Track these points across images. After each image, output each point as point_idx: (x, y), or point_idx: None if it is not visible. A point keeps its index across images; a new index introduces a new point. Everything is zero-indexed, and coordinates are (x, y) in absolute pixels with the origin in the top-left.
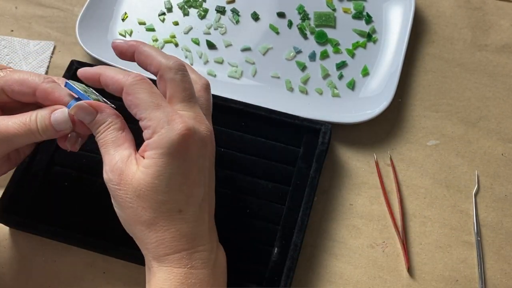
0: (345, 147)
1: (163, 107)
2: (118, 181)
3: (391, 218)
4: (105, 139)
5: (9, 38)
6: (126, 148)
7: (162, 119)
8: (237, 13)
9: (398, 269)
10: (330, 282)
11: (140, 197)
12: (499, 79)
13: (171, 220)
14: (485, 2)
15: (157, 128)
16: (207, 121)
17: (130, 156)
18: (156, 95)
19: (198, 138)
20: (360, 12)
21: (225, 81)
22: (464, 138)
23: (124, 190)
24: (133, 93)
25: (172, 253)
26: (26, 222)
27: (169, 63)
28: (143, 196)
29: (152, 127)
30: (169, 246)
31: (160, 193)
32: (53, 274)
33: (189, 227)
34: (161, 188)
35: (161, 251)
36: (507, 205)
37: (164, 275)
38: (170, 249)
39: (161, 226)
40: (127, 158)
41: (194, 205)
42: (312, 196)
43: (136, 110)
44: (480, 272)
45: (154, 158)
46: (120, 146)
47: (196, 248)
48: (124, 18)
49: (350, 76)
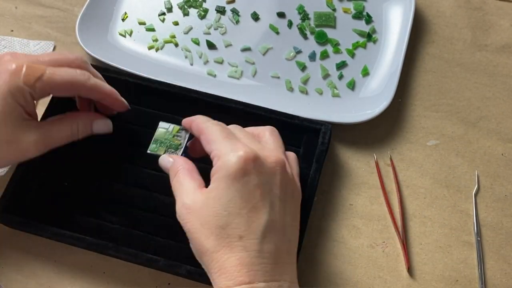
0: (345, 147)
1: (231, 139)
2: (186, 215)
3: (391, 218)
4: (176, 183)
5: (9, 38)
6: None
7: (228, 147)
8: (237, 13)
9: (398, 269)
10: (330, 282)
11: (203, 225)
12: (499, 79)
13: (232, 248)
14: (485, 2)
15: (222, 155)
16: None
17: (196, 190)
18: (226, 130)
19: (262, 164)
20: (360, 12)
21: (225, 81)
22: (464, 138)
23: (190, 222)
24: (207, 132)
25: (232, 285)
26: (26, 222)
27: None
28: (206, 223)
29: (218, 155)
30: (229, 277)
31: (220, 217)
32: (53, 274)
33: (249, 256)
34: (221, 212)
35: (222, 281)
36: (507, 205)
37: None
38: (230, 280)
39: (222, 254)
40: (193, 193)
41: (256, 232)
42: (312, 196)
43: (208, 145)
44: (480, 273)
45: (215, 182)
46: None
47: (257, 284)
48: (124, 18)
49: (350, 76)
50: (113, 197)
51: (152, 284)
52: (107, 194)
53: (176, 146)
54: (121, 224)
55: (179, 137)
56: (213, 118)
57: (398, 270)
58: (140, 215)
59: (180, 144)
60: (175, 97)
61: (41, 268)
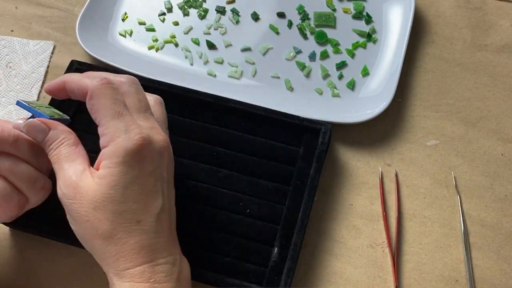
0: (345, 147)
1: (123, 116)
2: (73, 195)
3: (387, 237)
4: (58, 155)
5: (9, 38)
6: (80, 163)
7: (120, 128)
8: (237, 13)
9: None
10: (330, 282)
11: (96, 209)
12: (499, 79)
13: (130, 232)
14: (485, 2)
15: (114, 137)
16: (164, 132)
17: (85, 170)
18: (119, 102)
19: (154, 148)
20: (360, 12)
21: (225, 81)
22: (464, 138)
23: (79, 203)
24: (96, 97)
25: (132, 266)
26: (26, 222)
27: (122, 78)
28: (99, 207)
29: (109, 135)
30: (129, 259)
31: (116, 203)
32: (53, 274)
33: (148, 238)
34: (117, 198)
35: (121, 265)
36: (507, 205)
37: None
38: (130, 262)
39: (119, 238)
40: (81, 172)
41: (152, 215)
42: (312, 196)
43: (96, 116)
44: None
45: (109, 168)
46: (74, 161)
47: (157, 261)
48: (124, 18)
49: (350, 76)
50: None
51: None
52: None
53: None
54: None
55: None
56: (213, 118)
57: None
58: None
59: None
60: (175, 97)
61: (41, 268)
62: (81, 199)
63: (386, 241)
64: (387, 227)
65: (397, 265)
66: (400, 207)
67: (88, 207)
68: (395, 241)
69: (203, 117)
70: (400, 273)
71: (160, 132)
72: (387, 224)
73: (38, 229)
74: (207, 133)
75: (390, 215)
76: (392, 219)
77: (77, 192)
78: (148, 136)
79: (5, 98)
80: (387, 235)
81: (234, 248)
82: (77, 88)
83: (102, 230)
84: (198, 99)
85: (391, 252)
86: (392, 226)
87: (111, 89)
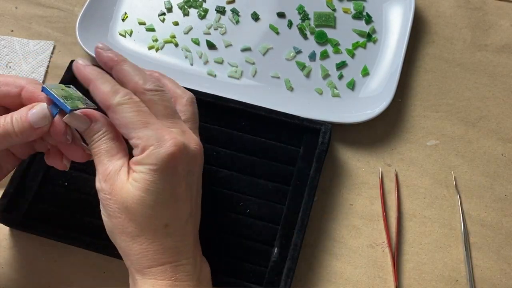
0: (345, 147)
1: (151, 124)
2: (110, 190)
3: (387, 238)
4: (99, 148)
5: (9, 38)
6: (119, 159)
7: (151, 136)
8: (237, 13)
9: None
10: (330, 282)
11: (128, 209)
12: (499, 79)
13: (156, 234)
14: (485, 2)
15: (147, 146)
16: (195, 135)
17: (123, 167)
18: (143, 113)
19: (187, 154)
20: (360, 12)
21: (225, 81)
22: (464, 138)
23: (114, 200)
24: (119, 113)
25: (155, 265)
26: (26, 222)
27: (145, 85)
28: (131, 208)
29: (142, 145)
30: (152, 259)
31: (147, 208)
32: (53, 274)
33: (173, 241)
34: (148, 203)
35: (144, 263)
36: (507, 205)
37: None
38: (153, 261)
39: (145, 238)
40: (120, 169)
41: (180, 220)
42: (312, 196)
43: (124, 130)
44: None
45: (143, 173)
46: (114, 156)
47: (180, 262)
48: (124, 18)
49: (350, 76)
50: None
51: None
52: None
53: (83, 99)
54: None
55: (76, 97)
56: (213, 118)
57: None
58: None
59: (82, 97)
60: None
61: (41, 268)
62: (115, 196)
63: (386, 241)
64: (387, 227)
65: (397, 265)
66: (400, 207)
67: (121, 205)
68: (395, 241)
69: (203, 117)
70: (400, 273)
71: (192, 136)
72: (387, 224)
73: (38, 229)
74: (207, 133)
75: (390, 215)
76: (392, 219)
77: (113, 189)
78: (181, 143)
79: None
80: (387, 235)
81: (234, 248)
82: (100, 99)
83: (130, 229)
84: (198, 99)
85: (391, 252)
86: (392, 226)
87: (132, 102)
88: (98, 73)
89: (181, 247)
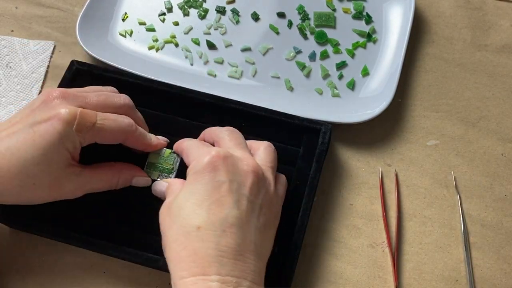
0: (345, 147)
1: (207, 146)
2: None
3: (387, 236)
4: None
5: (9, 38)
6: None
7: (202, 151)
8: (237, 13)
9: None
10: (330, 282)
11: (169, 214)
12: (499, 79)
13: (188, 237)
14: (485, 2)
15: (195, 158)
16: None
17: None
18: (203, 143)
19: (232, 163)
20: (360, 12)
21: (225, 81)
22: (464, 138)
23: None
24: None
25: (186, 276)
26: (26, 222)
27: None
28: (170, 213)
29: (192, 160)
30: (184, 267)
31: (181, 208)
32: (53, 274)
33: (205, 247)
34: (182, 202)
35: (178, 272)
36: (507, 205)
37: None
38: (184, 270)
39: (179, 243)
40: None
41: (215, 225)
42: (312, 196)
43: (188, 159)
44: (468, 269)
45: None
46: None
47: (212, 277)
48: (124, 18)
49: (350, 76)
50: (113, 197)
51: (152, 284)
52: (107, 194)
53: (169, 170)
54: (121, 224)
55: (170, 160)
56: (213, 118)
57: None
58: (140, 215)
59: (172, 168)
60: (175, 97)
61: (41, 268)
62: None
63: (386, 241)
64: (387, 227)
65: (397, 265)
66: (400, 207)
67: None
68: (395, 241)
69: (203, 117)
70: (400, 273)
71: (249, 160)
72: (387, 224)
73: (38, 229)
74: None
75: (390, 215)
76: (392, 219)
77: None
78: (227, 152)
79: (5, 98)
80: (387, 235)
81: None
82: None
83: (169, 235)
84: (198, 99)
85: (391, 252)
86: (392, 226)
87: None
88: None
89: (214, 257)
